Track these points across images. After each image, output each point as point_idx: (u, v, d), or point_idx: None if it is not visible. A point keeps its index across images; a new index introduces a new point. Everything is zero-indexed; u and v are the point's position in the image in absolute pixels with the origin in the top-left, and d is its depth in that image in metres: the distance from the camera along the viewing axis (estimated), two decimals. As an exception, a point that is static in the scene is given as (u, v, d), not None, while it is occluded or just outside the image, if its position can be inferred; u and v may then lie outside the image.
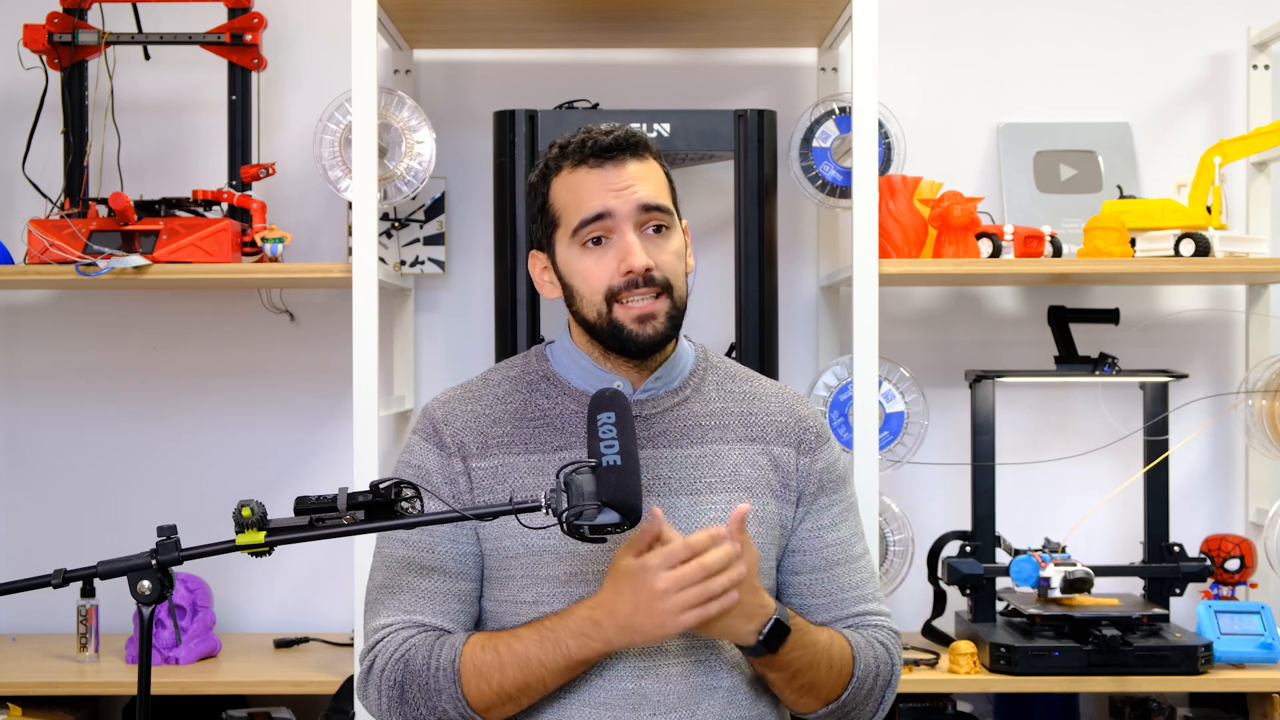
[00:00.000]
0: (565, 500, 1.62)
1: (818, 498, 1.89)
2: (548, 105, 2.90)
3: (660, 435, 1.84)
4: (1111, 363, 2.90)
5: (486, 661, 1.74)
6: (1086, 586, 2.77)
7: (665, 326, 1.80)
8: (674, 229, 1.84)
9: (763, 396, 1.92)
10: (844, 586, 1.88)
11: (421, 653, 1.76)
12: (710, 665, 1.80)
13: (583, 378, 1.87)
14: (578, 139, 1.83)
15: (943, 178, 2.95)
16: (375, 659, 1.78)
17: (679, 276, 1.83)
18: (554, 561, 1.79)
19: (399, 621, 1.79)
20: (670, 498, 1.81)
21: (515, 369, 1.93)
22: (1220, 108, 3.20)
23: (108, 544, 2.14)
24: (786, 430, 1.89)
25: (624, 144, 1.81)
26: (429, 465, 1.85)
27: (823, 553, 1.88)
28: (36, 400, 3.19)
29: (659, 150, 1.87)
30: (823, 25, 2.97)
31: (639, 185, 1.80)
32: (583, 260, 1.81)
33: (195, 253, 2.77)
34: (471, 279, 3.17)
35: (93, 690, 2.86)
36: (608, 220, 1.79)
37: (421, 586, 1.80)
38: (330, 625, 3.13)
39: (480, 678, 1.73)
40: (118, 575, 1.64)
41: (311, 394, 3.17)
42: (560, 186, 1.83)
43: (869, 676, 1.83)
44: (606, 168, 1.80)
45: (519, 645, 1.73)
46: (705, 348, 1.97)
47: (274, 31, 3.03)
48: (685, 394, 1.88)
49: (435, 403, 1.91)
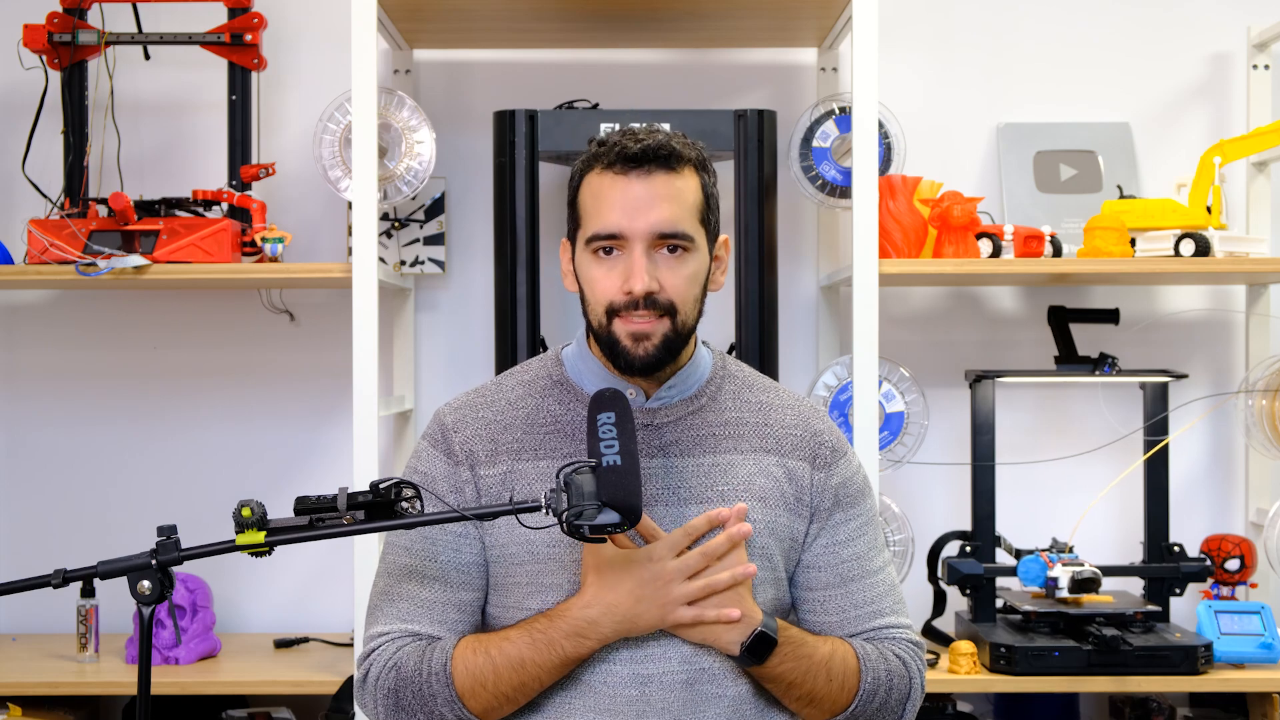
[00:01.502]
0: (565, 500, 1.62)
1: (833, 513, 1.85)
2: (548, 105, 2.90)
3: (673, 444, 1.81)
4: (1111, 363, 2.90)
5: (479, 665, 1.73)
6: (1094, 586, 2.77)
7: (658, 350, 1.76)
8: (693, 252, 1.76)
9: (779, 408, 1.88)
10: (858, 603, 1.84)
11: (412, 659, 1.75)
12: (714, 674, 1.77)
13: (596, 383, 1.83)
14: (614, 139, 1.77)
15: (943, 178, 2.96)
16: (370, 667, 1.78)
17: (687, 301, 1.77)
18: (558, 569, 1.77)
19: (394, 630, 1.78)
20: (680, 507, 1.78)
21: (530, 373, 1.90)
22: (1220, 108, 3.20)
23: (108, 544, 2.14)
24: (802, 444, 1.85)
25: (653, 155, 1.73)
26: (435, 473, 1.83)
27: (837, 569, 1.84)
28: (36, 400, 3.19)
29: (702, 158, 1.79)
30: (823, 25, 2.97)
31: (659, 206, 1.73)
32: (594, 268, 1.77)
33: (195, 253, 2.77)
34: (471, 279, 3.17)
35: (93, 690, 2.86)
36: (620, 239, 1.75)
37: (420, 596, 1.79)
38: (330, 625, 3.13)
39: (475, 681, 1.73)
40: (118, 575, 1.64)
41: (311, 394, 3.17)
42: (588, 187, 1.78)
43: (878, 689, 1.79)
44: (631, 178, 1.73)
45: (511, 649, 1.72)
46: (725, 355, 1.93)
47: (274, 31, 3.03)
48: (700, 402, 1.85)
49: (447, 408, 1.88)
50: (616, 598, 1.68)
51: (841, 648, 1.80)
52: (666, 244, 1.75)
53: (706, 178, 1.79)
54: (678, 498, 1.79)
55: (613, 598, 1.69)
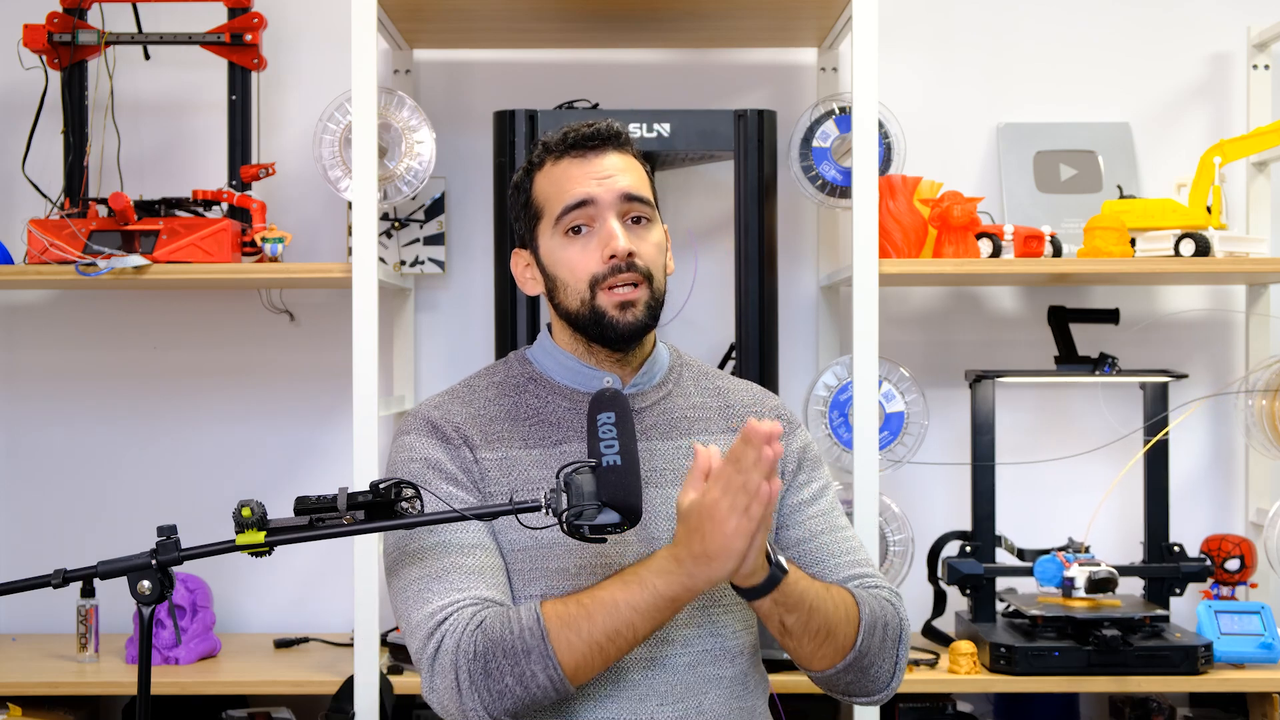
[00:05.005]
0: (565, 500, 1.62)
1: (797, 474, 1.92)
2: (548, 105, 2.90)
3: (650, 429, 1.86)
4: (1111, 363, 2.90)
5: (571, 613, 1.67)
6: (1111, 586, 2.77)
7: (644, 314, 1.82)
8: (655, 222, 1.86)
9: (735, 391, 1.98)
10: (834, 553, 1.88)
11: (498, 620, 1.69)
12: (715, 655, 1.81)
13: (568, 376, 1.88)
14: (559, 134, 1.86)
15: (943, 178, 2.96)
16: (443, 639, 1.70)
17: (659, 269, 1.85)
18: (563, 554, 1.78)
19: (458, 599, 1.72)
20: (665, 488, 1.83)
21: (498, 375, 1.92)
22: (1220, 108, 3.20)
23: (108, 544, 2.14)
24: (763, 417, 1.88)
25: (605, 135, 1.84)
26: (438, 455, 1.82)
27: (807, 524, 1.90)
28: (36, 400, 3.19)
29: (638, 150, 1.90)
30: (823, 25, 2.98)
31: (620, 175, 1.82)
32: (566, 249, 1.82)
33: (195, 253, 2.77)
34: (471, 279, 3.18)
35: (93, 690, 2.86)
36: (590, 208, 1.81)
37: (468, 564, 1.75)
38: (330, 625, 3.13)
39: (569, 628, 1.67)
40: (118, 575, 1.64)
41: (311, 394, 3.18)
42: (543, 180, 1.85)
43: (876, 624, 1.80)
44: (589, 157, 1.83)
45: (603, 593, 1.68)
46: (675, 346, 1.99)
47: (274, 31, 3.03)
48: (668, 388, 1.91)
49: (426, 405, 1.89)
50: (690, 539, 1.63)
51: (834, 587, 1.80)
52: (633, 212, 1.83)
53: (646, 165, 1.90)
54: (664, 479, 1.84)
55: (688, 540, 1.63)
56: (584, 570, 1.78)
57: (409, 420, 1.88)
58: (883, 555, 2.84)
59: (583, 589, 1.71)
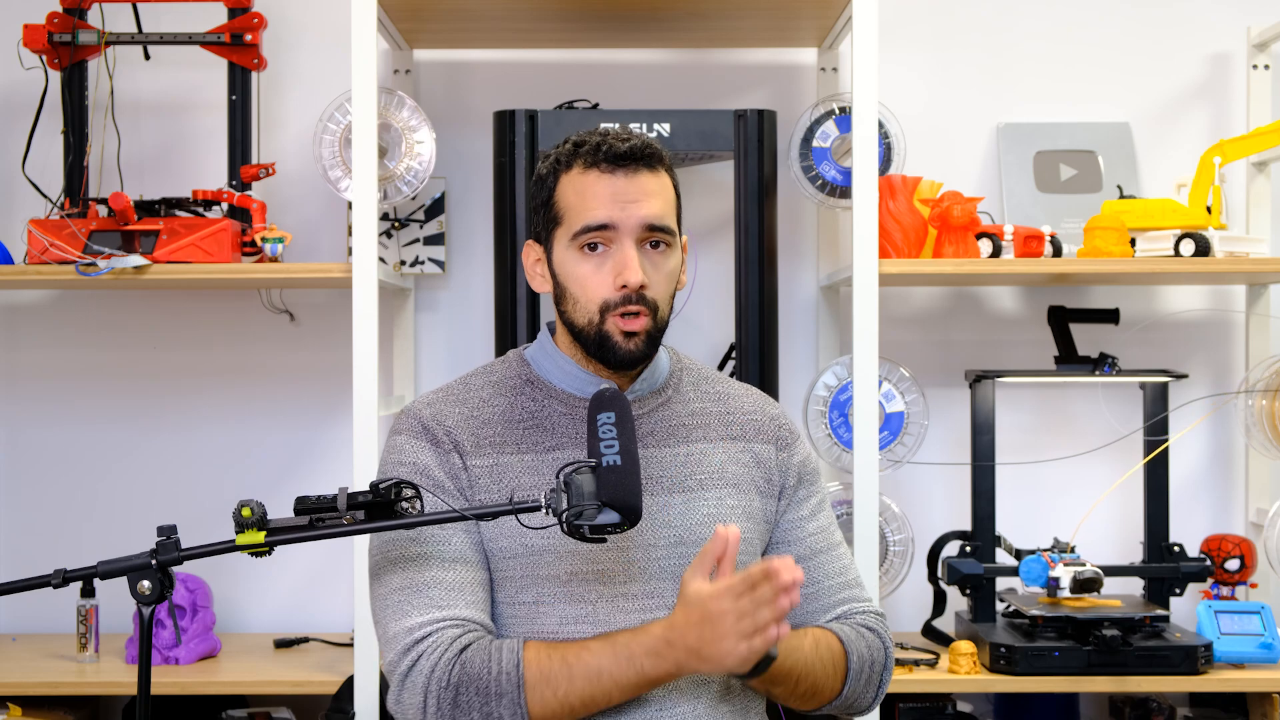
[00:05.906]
0: (565, 500, 1.62)
1: (797, 490, 1.93)
2: (548, 105, 2.90)
3: (649, 435, 1.86)
4: (1111, 363, 2.90)
5: (554, 669, 1.68)
6: (1096, 586, 2.77)
7: (644, 345, 1.81)
8: (673, 248, 1.84)
9: (735, 397, 1.96)
10: (829, 574, 1.91)
11: (479, 655, 1.70)
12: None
13: (567, 381, 1.87)
14: (594, 140, 1.81)
15: (943, 178, 2.96)
16: (419, 659, 1.70)
17: (666, 299, 1.83)
18: (554, 561, 1.78)
19: (439, 618, 1.72)
20: (664, 495, 1.83)
21: (495, 374, 1.91)
22: (1220, 108, 3.20)
23: (108, 544, 2.14)
24: (764, 428, 1.94)
25: (639, 154, 1.80)
26: (427, 461, 1.81)
27: (806, 542, 1.91)
28: (36, 400, 3.19)
29: (671, 164, 1.86)
30: (823, 25, 2.98)
31: (647, 201, 1.79)
32: (580, 265, 1.80)
33: (195, 253, 2.77)
34: (471, 279, 3.18)
35: (93, 690, 2.86)
36: (609, 231, 1.79)
37: (448, 579, 1.75)
38: (330, 625, 3.13)
39: (546, 684, 1.68)
40: (118, 575, 1.64)
41: (311, 394, 3.18)
42: (568, 184, 1.82)
43: (864, 666, 1.85)
44: (617, 176, 1.79)
45: (590, 657, 1.68)
46: (675, 350, 1.98)
47: (274, 31, 3.03)
48: (667, 394, 1.91)
49: (418, 404, 1.88)
50: (687, 630, 1.64)
51: (822, 635, 1.84)
52: (651, 238, 1.81)
53: (677, 179, 1.88)
54: (661, 487, 1.83)
55: (685, 628, 1.64)
56: (575, 578, 1.78)
57: (402, 419, 1.87)
58: (883, 555, 2.84)
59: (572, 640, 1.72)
